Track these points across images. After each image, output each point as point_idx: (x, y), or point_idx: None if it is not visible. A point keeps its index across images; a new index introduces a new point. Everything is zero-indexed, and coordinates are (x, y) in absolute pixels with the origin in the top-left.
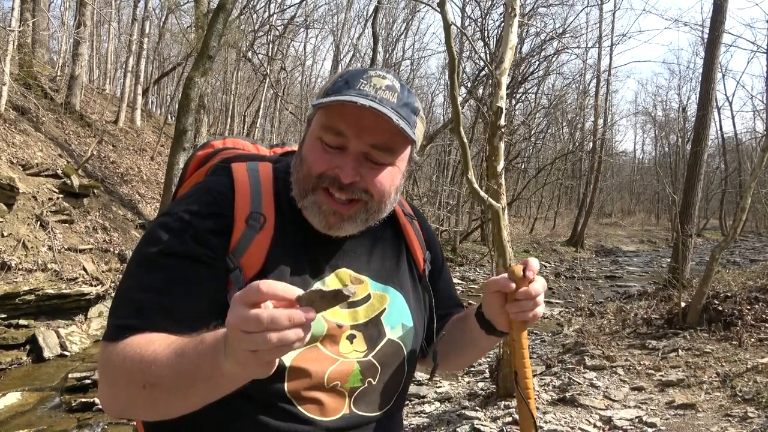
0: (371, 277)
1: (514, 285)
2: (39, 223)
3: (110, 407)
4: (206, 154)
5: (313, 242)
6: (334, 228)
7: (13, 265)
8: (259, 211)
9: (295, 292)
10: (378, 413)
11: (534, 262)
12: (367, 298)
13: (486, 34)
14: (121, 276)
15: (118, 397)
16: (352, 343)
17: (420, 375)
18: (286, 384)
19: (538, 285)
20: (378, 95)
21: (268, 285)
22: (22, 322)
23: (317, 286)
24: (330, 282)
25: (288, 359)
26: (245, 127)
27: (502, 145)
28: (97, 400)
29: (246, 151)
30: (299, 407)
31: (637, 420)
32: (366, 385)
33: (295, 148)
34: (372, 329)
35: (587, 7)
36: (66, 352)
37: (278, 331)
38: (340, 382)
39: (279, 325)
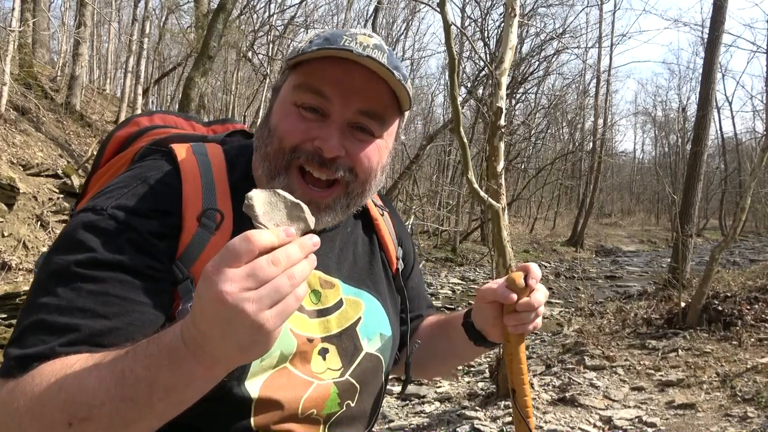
0: (342, 280)
1: (514, 296)
2: (39, 223)
3: None
4: (129, 134)
5: None
6: None
7: (13, 265)
8: (213, 206)
9: (282, 232)
10: None
11: (535, 269)
12: (339, 304)
13: (486, 34)
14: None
15: None
16: (325, 359)
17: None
18: (252, 419)
19: (540, 295)
20: (366, 53)
21: (254, 235)
22: None
23: None
24: None
25: (255, 389)
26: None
27: (502, 145)
28: None
29: (181, 129)
30: None
31: (637, 420)
32: (344, 409)
33: (242, 126)
34: (346, 342)
35: (587, 7)
36: None
37: (293, 272)
38: (316, 409)
39: (294, 261)
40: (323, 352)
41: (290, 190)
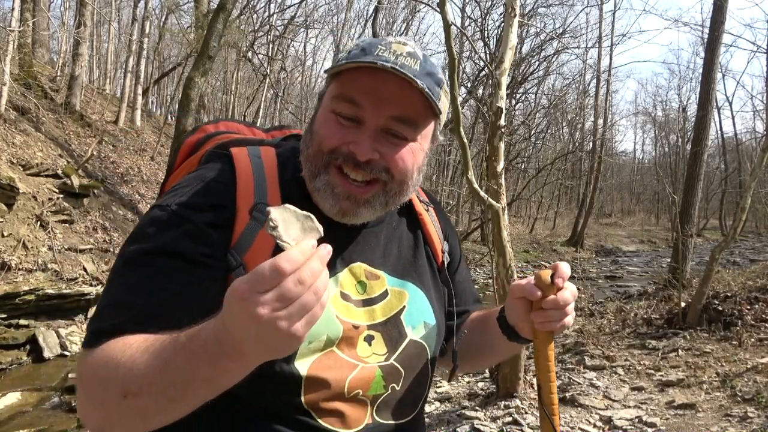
0: (387, 272)
1: (540, 293)
2: (39, 223)
3: (89, 424)
4: (198, 140)
5: (324, 234)
6: (349, 214)
7: (13, 265)
8: (264, 201)
9: (308, 246)
10: (403, 420)
11: (564, 267)
12: (384, 294)
13: (486, 34)
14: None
15: (95, 411)
16: (370, 345)
17: None
18: (303, 396)
19: (568, 294)
20: (399, 61)
21: (284, 264)
22: (22, 322)
23: (330, 283)
24: (343, 278)
25: (304, 368)
26: None
27: (502, 145)
28: None
29: (242, 134)
30: (319, 420)
31: (636, 420)
32: (389, 391)
33: (298, 131)
34: (391, 329)
35: (587, 7)
36: (66, 352)
37: (318, 286)
38: (361, 390)
39: (317, 276)
40: (369, 339)
41: (331, 186)
